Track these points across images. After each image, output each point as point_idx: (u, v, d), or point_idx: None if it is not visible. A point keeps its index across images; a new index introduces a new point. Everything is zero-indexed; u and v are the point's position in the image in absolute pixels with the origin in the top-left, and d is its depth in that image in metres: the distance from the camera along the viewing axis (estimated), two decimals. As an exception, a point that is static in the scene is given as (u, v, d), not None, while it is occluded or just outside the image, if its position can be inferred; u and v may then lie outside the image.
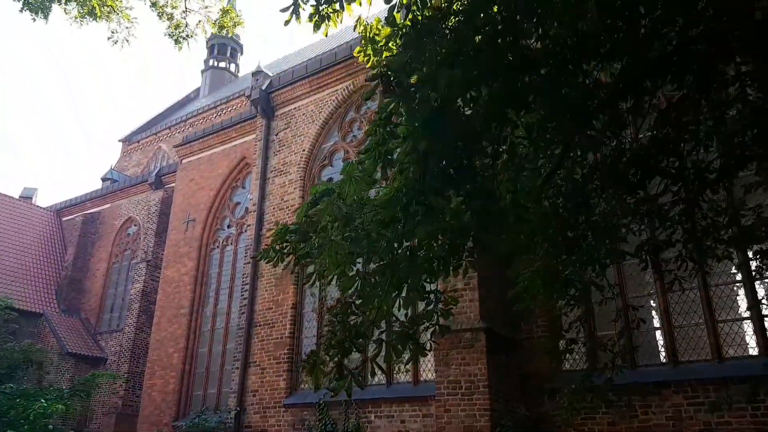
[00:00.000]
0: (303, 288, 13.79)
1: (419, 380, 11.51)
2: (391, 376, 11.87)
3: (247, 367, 13.61)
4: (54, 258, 27.66)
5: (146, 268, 22.57)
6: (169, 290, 18.79)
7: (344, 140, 14.32)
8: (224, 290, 17.96)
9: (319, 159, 14.60)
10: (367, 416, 11.56)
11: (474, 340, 9.68)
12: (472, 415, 9.33)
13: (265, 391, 13.10)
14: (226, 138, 19.24)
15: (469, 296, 10.06)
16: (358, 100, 14.14)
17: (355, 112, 14.36)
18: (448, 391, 9.67)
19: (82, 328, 25.32)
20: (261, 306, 14.00)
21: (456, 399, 9.56)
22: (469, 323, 9.86)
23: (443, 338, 9.47)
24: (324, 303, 13.33)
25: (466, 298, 10.06)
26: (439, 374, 9.88)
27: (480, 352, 9.57)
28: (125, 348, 22.02)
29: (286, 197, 14.62)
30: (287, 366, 13.04)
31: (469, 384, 9.51)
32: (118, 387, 21.26)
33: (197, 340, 17.85)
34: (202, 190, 19.31)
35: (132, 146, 34.61)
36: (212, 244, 18.81)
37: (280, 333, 13.42)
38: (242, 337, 13.85)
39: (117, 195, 26.82)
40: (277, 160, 15.18)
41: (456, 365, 9.72)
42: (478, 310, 9.94)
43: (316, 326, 13.21)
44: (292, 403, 12.60)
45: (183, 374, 17.42)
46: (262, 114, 15.61)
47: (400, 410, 11.23)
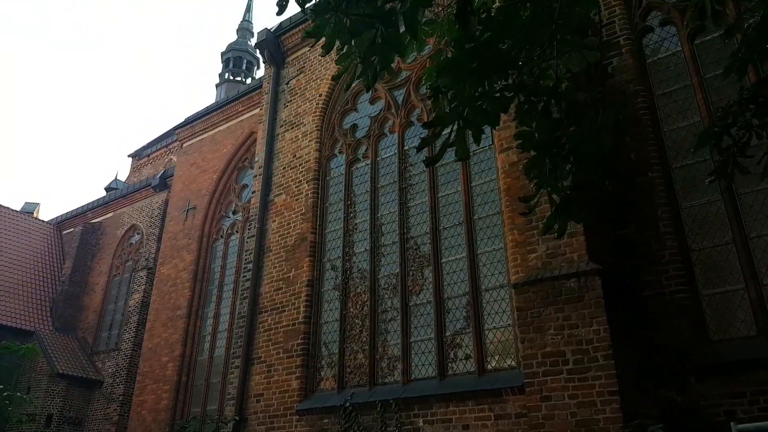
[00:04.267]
0: (322, 261, 10.24)
1: (485, 369, 7.83)
2: (444, 365, 8.20)
3: (249, 365, 10.00)
4: (51, 272, 24.39)
5: (147, 276, 19.02)
6: (165, 290, 15.32)
7: (371, 77, 10.94)
8: (228, 286, 14.45)
9: (339, 104, 11.24)
10: (412, 421, 7.87)
11: (582, 290, 6.05)
12: (589, 402, 5.65)
13: (273, 395, 9.45)
14: (232, 113, 16.03)
15: (569, 229, 6.44)
16: (388, 29, 10.81)
17: (384, 41, 11.00)
18: (544, 369, 6.01)
19: (77, 348, 21.78)
20: (267, 287, 10.46)
21: (559, 380, 5.90)
22: (571, 266, 6.25)
23: (531, 290, 5.89)
24: (349, 277, 9.75)
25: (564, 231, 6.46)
26: (527, 345, 6.24)
27: (594, 306, 5.95)
28: (121, 367, 18.41)
29: (300, 152, 11.22)
30: (302, 360, 9.42)
31: (579, 356, 5.86)
32: (111, 411, 17.62)
33: (196, 347, 14.28)
34: (204, 173, 16.02)
35: (142, 161, 31.60)
36: (215, 234, 15.39)
37: (291, 319, 9.84)
38: (243, 327, 10.29)
39: (120, 203, 23.59)
40: (288, 111, 11.85)
41: (555, 330, 6.08)
42: (583, 246, 6.35)
43: (340, 307, 9.62)
44: (307, 409, 8.94)
45: (178, 388, 13.81)
46: (270, 61, 12.37)
47: (459, 411, 7.54)
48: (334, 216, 10.47)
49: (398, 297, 9.01)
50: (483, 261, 8.36)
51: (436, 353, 8.27)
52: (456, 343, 8.22)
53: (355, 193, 10.36)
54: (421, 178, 9.52)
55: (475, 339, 7.99)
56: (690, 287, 6.62)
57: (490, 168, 8.76)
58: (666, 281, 6.71)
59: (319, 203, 10.63)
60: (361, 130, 10.75)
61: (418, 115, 9.98)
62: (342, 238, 10.11)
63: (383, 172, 10.12)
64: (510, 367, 7.59)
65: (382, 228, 9.71)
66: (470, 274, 8.34)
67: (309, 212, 10.52)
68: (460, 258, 8.60)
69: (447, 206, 9.05)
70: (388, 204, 9.79)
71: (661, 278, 6.74)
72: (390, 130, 10.31)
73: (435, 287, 8.64)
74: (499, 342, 7.83)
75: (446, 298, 8.54)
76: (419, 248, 9.11)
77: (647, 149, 7.35)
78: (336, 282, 9.89)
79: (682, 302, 6.54)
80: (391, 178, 9.92)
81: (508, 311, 7.86)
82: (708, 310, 6.55)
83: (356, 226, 10.07)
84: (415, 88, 10.17)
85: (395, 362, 8.67)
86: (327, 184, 10.82)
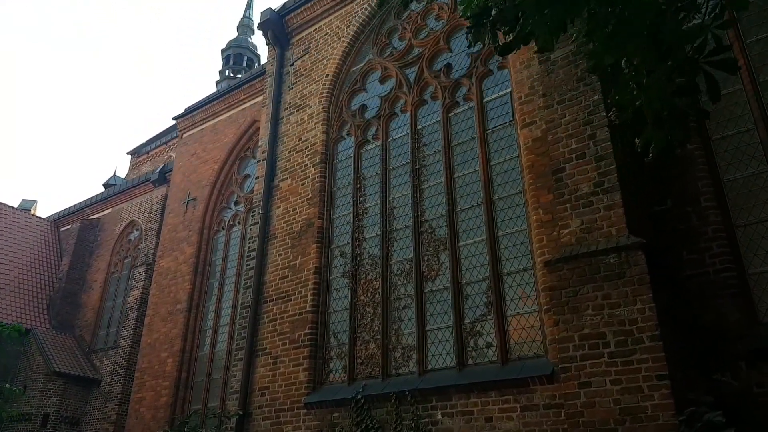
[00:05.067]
0: (330, 247, 9.65)
1: (508, 357, 7.24)
2: (463, 355, 7.61)
3: (253, 357, 9.40)
4: (48, 270, 23.77)
5: (146, 272, 18.37)
6: (164, 283, 14.71)
7: (381, 55, 10.40)
8: (230, 279, 13.84)
9: (347, 84, 10.66)
10: (430, 414, 7.28)
11: (623, 266, 5.47)
12: (635, 388, 5.07)
13: (279, 388, 8.85)
14: (234, 101, 15.45)
15: (606, 201, 5.90)
16: (398, 6, 10.25)
17: (395, 18, 10.48)
18: (582, 352, 5.42)
19: (75, 346, 21.15)
20: (272, 275, 9.87)
21: (599, 364, 5.31)
22: (609, 241, 5.67)
23: (565, 267, 5.32)
24: (359, 263, 9.17)
25: (600, 205, 5.91)
26: (561, 327, 5.65)
27: (638, 283, 5.37)
28: (119, 365, 17.76)
29: (305, 136, 10.64)
30: (309, 351, 8.82)
31: (622, 338, 5.27)
32: (109, 410, 16.99)
33: (196, 342, 13.66)
34: (205, 164, 15.42)
35: (141, 158, 31.01)
36: (216, 226, 14.79)
37: (298, 308, 9.25)
38: (247, 318, 9.69)
39: (119, 198, 22.98)
40: (293, 94, 11.27)
41: (594, 310, 5.49)
42: (622, 219, 5.77)
43: (349, 295, 9.03)
44: (316, 402, 8.34)
45: (178, 384, 13.20)
46: (273, 42, 11.79)
47: (482, 403, 6.95)
48: (342, 200, 9.89)
49: (412, 283, 8.42)
50: (504, 243, 7.78)
51: (455, 342, 7.68)
52: (476, 330, 7.64)
53: (365, 176, 9.78)
54: (436, 158, 8.95)
55: (497, 326, 7.40)
56: (736, 266, 6.05)
57: (511, 145, 8.18)
58: (709, 259, 6.13)
59: (326, 187, 10.04)
60: (370, 110, 10.17)
61: (432, 93, 9.40)
62: (351, 223, 9.52)
63: (395, 153, 9.54)
64: (536, 355, 7.00)
65: (394, 211, 9.12)
66: (490, 258, 7.76)
67: (316, 197, 9.93)
68: (480, 241, 8.02)
69: (464, 187, 8.48)
70: (400, 186, 9.21)
71: (704, 256, 6.17)
72: (402, 109, 9.74)
73: (452, 272, 8.06)
74: (524, 329, 7.24)
75: (464, 284, 7.96)
76: (434, 232, 8.53)
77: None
78: (345, 269, 9.30)
79: (727, 282, 5.97)
80: (403, 160, 9.35)
81: (532, 296, 7.28)
82: (756, 290, 5.98)
83: (366, 211, 9.49)
84: (428, 65, 9.60)
85: (410, 352, 8.08)
86: (335, 167, 10.24)
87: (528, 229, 7.53)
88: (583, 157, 6.22)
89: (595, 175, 6.05)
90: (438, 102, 9.26)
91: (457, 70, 9.20)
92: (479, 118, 8.61)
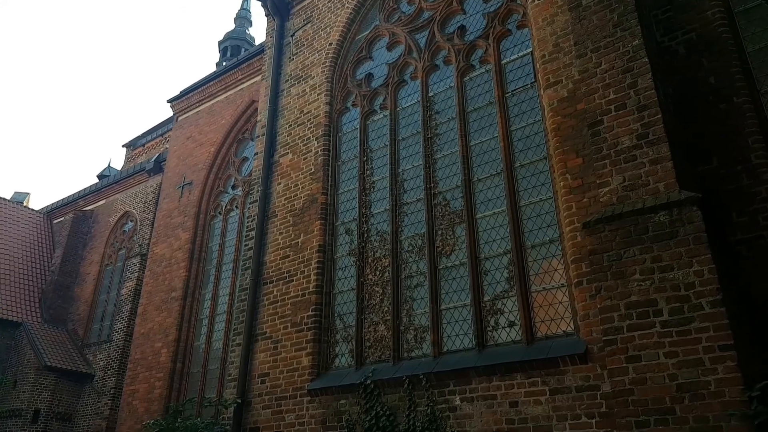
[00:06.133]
0: (335, 224, 8.95)
1: (534, 336, 6.54)
2: (483, 335, 6.91)
3: (252, 341, 8.68)
4: (41, 262, 22.99)
5: (140, 263, 17.61)
6: (159, 270, 14.00)
7: (388, 21, 9.70)
8: (227, 265, 13.15)
9: (352, 53, 9.96)
10: (447, 399, 6.58)
11: (676, 224, 4.78)
12: (694, 361, 4.37)
13: (280, 374, 8.14)
14: (231, 82, 14.75)
15: (651, 154, 5.21)
16: (406, -32, 9.56)
17: (402, -19, 9.77)
18: (630, 322, 4.73)
19: (67, 340, 20.39)
20: (273, 255, 9.15)
21: (651, 335, 4.61)
22: (658, 197, 4.98)
23: (607, 228, 4.63)
24: (367, 240, 8.46)
25: (645, 159, 5.22)
26: (605, 295, 4.95)
27: (694, 242, 4.68)
28: (113, 358, 17.02)
29: (307, 108, 9.94)
30: (313, 334, 8.11)
31: (677, 305, 4.58)
32: (102, 405, 16.25)
33: (192, 332, 12.97)
34: (201, 147, 14.71)
35: (137, 151, 30.19)
36: (213, 211, 14.08)
37: (301, 289, 8.54)
38: (245, 301, 8.97)
39: (113, 189, 22.23)
40: (294, 65, 10.56)
41: (642, 274, 4.80)
42: (671, 174, 5.08)
43: (356, 275, 8.32)
44: (321, 388, 7.63)
45: (173, 375, 12.50)
46: (273, 12, 11.09)
47: (505, 386, 6.25)
48: (347, 175, 9.18)
49: (425, 260, 7.72)
50: (527, 214, 7.08)
51: (474, 321, 6.98)
52: (497, 308, 6.94)
53: (372, 148, 9.08)
54: (450, 126, 8.25)
55: (520, 303, 6.70)
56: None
57: (533, 108, 7.49)
58: (764, 222, 5.44)
59: (330, 161, 9.34)
60: (377, 79, 9.47)
61: (445, 57, 8.70)
62: (357, 198, 8.82)
63: (404, 123, 8.84)
64: (565, 333, 6.30)
65: (404, 184, 8.42)
66: (512, 230, 7.06)
67: (319, 171, 9.23)
68: (499, 212, 7.32)
69: (481, 155, 7.78)
70: (410, 158, 8.51)
71: (758, 218, 5.48)
72: (412, 76, 9.04)
73: (469, 247, 7.36)
74: (551, 305, 6.54)
75: (483, 259, 7.25)
76: (449, 204, 7.83)
77: (730, 72, 6.09)
78: (351, 247, 8.59)
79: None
80: (413, 129, 8.65)
81: (560, 269, 6.58)
82: (818, 255, 5.30)
83: (374, 185, 8.78)
84: (440, 28, 8.90)
85: (423, 333, 7.38)
86: (339, 140, 9.53)
87: (554, 197, 6.84)
88: (623, 107, 5.53)
89: (638, 127, 5.36)
90: (451, 67, 8.56)
91: (472, 32, 8.50)
92: (497, 82, 7.92)
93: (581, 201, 6.37)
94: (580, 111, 6.69)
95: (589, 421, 5.59)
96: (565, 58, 7.10)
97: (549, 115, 7.02)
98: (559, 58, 7.16)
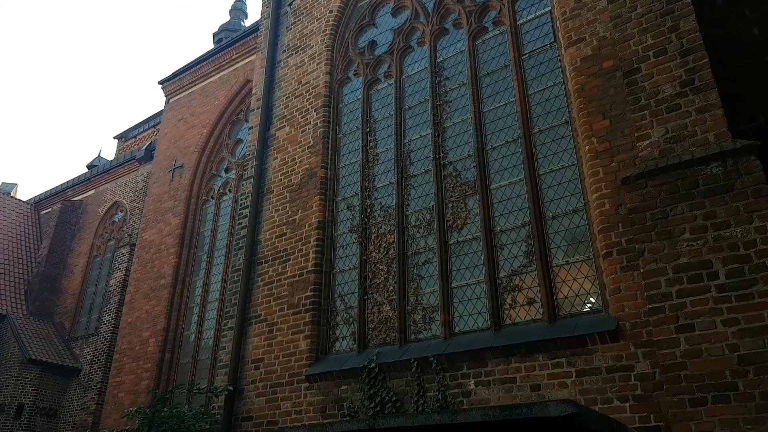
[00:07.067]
0: (335, 199, 8.31)
1: (557, 314, 5.92)
2: (499, 314, 6.28)
3: (245, 325, 8.03)
4: (27, 254, 22.20)
5: (129, 253, 16.86)
6: (147, 257, 13.31)
7: (393, -15, 9.07)
8: (219, 251, 12.48)
9: (354, 21, 9.33)
10: (460, 384, 5.95)
11: (731, 176, 4.17)
12: (757, 329, 3.76)
13: (275, 359, 7.49)
14: (225, 61, 14.10)
15: (698, 102, 4.60)
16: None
17: (407, -58, 9.14)
18: (680, 287, 4.11)
19: (53, 334, 19.64)
20: (268, 234, 8.51)
21: (705, 301, 4.00)
22: (708, 148, 4.36)
23: (650, 184, 4.02)
24: (370, 216, 7.83)
25: (691, 108, 4.60)
26: (649, 258, 4.33)
27: (753, 195, 4.08)
28: (100, 351, 16.23)
29: (306, 78, 9.30)
30: (311, 316, 7.47)
31: (736, 266, 3.97)
32: (88, 400, 15.49)
33: (182, 321, 12.28)
34: (193, 129, 14.04)
35: (128, 142, 29.42)
36: (205, 195, 13.41)
37: (299, 268, 7.90)
38: (238, 282, 8.32)
39: (102, 179, 21.51)
40: (292, 35, 9.93)
41: (692, 233, 4.19)
42: (722, 122, 4.47)
43: (358, 252, 7.69)
44: (320, 373, 6.98)
45: (161, 366, 11.82)
46: (270, -20, 10.44)
47: (526, 368, 5.63)
48: (349, 147, 8.55)
49: (434, 235, 7.10)
50: (547, 182, 6.47)
51: (489, 299, 6.35)
52: (514, 285, 6.32)
53: (375, 118, 8.45)
54: (461, 92, 7.63)
55: (541, 278, 6.09)
56: None
57: (553, 70, 6.88)
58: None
59: (330, 134, 8.70)
60: (381, 47, 8.84)
61: (455, 20, 8.08)
62: (360, 171, 8.19)
63: (410, 91, 8.22)
64: (592, 310, 5.69)
65: (411, 156, 7.80)
66: (531, 200, 6.45)
67: (318, 144, 8.59)
68: (516, 182, 6.70)
69: (496, 122, 7.17)
70: (417, 127, 7.89)
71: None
72: (419, 41, 8.41)
73: (483, 219, 6.74)
74: (575, 280, 5.93)
75: (498, 232, 6.64)
76: (460, 175, 7.21)
77: (776, 21, 5.51)
78: (353, 223, 7.96)
79: None
80: (421, 97, 8.03)
81: (585, 240, 5.97)
82: None
83: (377, 157, 8.16)
84: (450, -10, 8.29)
85: (432, 313, 6.75)
86: (339, 112, 8.90)
87: (578, 164, 6.24)
88: (663, 53, 4.93)
89: (681, 73, 4.75)
90: (462, 30, 7.95)
91: (485, -7, 7.90)
92: (513, 43, 7.31)
93: (609, 166, 5.77)
94: (608, 69, 6.11)
95: (622, 405, 4.98)
96: (588, 14, 6.50)
97: (571, 76, 6.43)
98: (581, 15, 6.57)
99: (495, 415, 3.20)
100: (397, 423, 3.60)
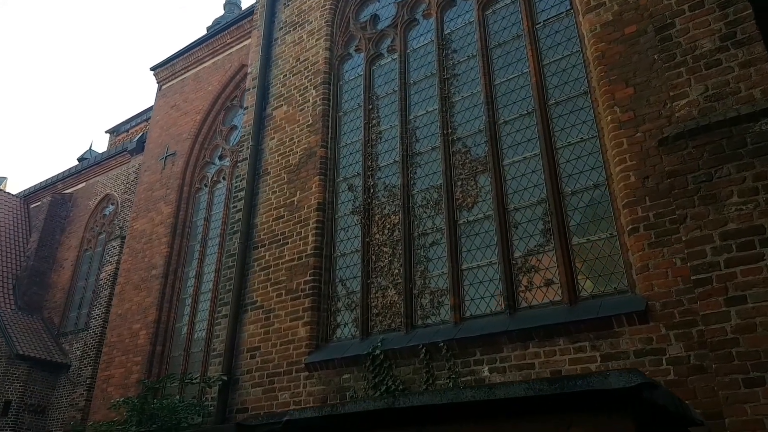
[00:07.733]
0: (336, 180, 7.85)
1: (578, 296, 5.48)
2: (514, 296, 5.84)
3: (241, 312, 7.56)
4: (16, 248, 21.63)
5: (120, 246, 16.32)
6: (138, 247, 12.81)
7: (396, -43, 8.62)
8: (213, 240, 11.99)
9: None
10: (473, 371, 5.50)
11: (783, 133, 3.73)
12: (822, 302, 3.31)
13: (273, 347, 7.02)
14: (219, 46, 13.61)
15: (741, 56, 4.16)
16: None
17: None
18: (728, 256, 3.68)
19: (42, 329, 19.08)
20: (265, 216, 8.04)
21: (759, 270, 3.56)
22: (755, 104, 3.93)
23: (690, 145, 3.59)
24: (373, 196, 7.38)
25: (733, 62, 4.16)
26: (691, 225, 3.89)
27: (812, 152, 3.62)
28: (90, 346, 15.69)
29: (304, 55, 8.83)
30: (311, 302, 7.00)
31: (791, 231, 3.52)
32: (77, 396, 14.96)
33: (174, 312, 11.79)
34: (186, 116, 13.54)
35: (120, 136, 28.90)
36: (198, 183, 12.91)
37: (297, 252, 7.43)
38: (233, 267, 7.85)
39: (93, 171, 20.95)
40: (290, 11, 9.46)
41: (740, 196, 3.75)
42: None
43: (361, 235, 7.24)
44: (320, 362, 6.52)
45: (151, 359, 11.31)
46: (267, -45, 9.96)
47: (545, 353, 5.19)
48: (350, 126, 8.09)
49: (442, 215, 6.65)
50: (565, 156, 6.03)
51: (503, 281, 5.91)
52: (530, 265, 5.87)
53: (378, 95, 8.00)
54: (470, 64, 7.18)
55: (559, 258, 5.65)
56: None
57: (570, 39, 6.45)
58: None
59: (330, 112, 8.24)
60: (384, 20, 8.39)
61: (463, -11, 7.64)
62: (362, 150, 7.73)
63: (415, 65, 7.77)
64: (617, 290, 5.26)
65: (417, 132, 7.35)
66: (548, 175, 6.01)
67: (318, 122, 8.13)
68: (531, 156, 6.26)
69: (508, 94, 6.72)
70: (423, 102, 7.44)
71: None
72: (424, 14, 7.97)
73: (496, 197, 6.30)
74: (596, 259, 5.49)
75: (512, 210, 6.19)
76: (470, 151, 6.77)
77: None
78: (355, 204, 7.50)
79: None
80: (427, 71, 7.58)
81: (608, 216, 5.54)
82: None
83: (380, 135, 7.70)
84: (458, -40, 7.84)
85: (441, 297, 6.30)
86: (340, 89, 8.45)
87: (599, 135, 5.80)
88: (700, 6, 4.49)
89: (721, 27, 4.32)
90: (471, 0, 7.51)
91: (495, -39, 7.46)
92: (525, 12, 6.87)
93: (634, 136, 5.35)
94: (630, 35, 5.69)
95: (654, 391, 4.53)
96: (608, -23, 6.07)
97: (590, 43, 6.00)
98: (601, -22, 6.13)
99: (542, 389, 2.76)
100: (422, 401, 3.13)
